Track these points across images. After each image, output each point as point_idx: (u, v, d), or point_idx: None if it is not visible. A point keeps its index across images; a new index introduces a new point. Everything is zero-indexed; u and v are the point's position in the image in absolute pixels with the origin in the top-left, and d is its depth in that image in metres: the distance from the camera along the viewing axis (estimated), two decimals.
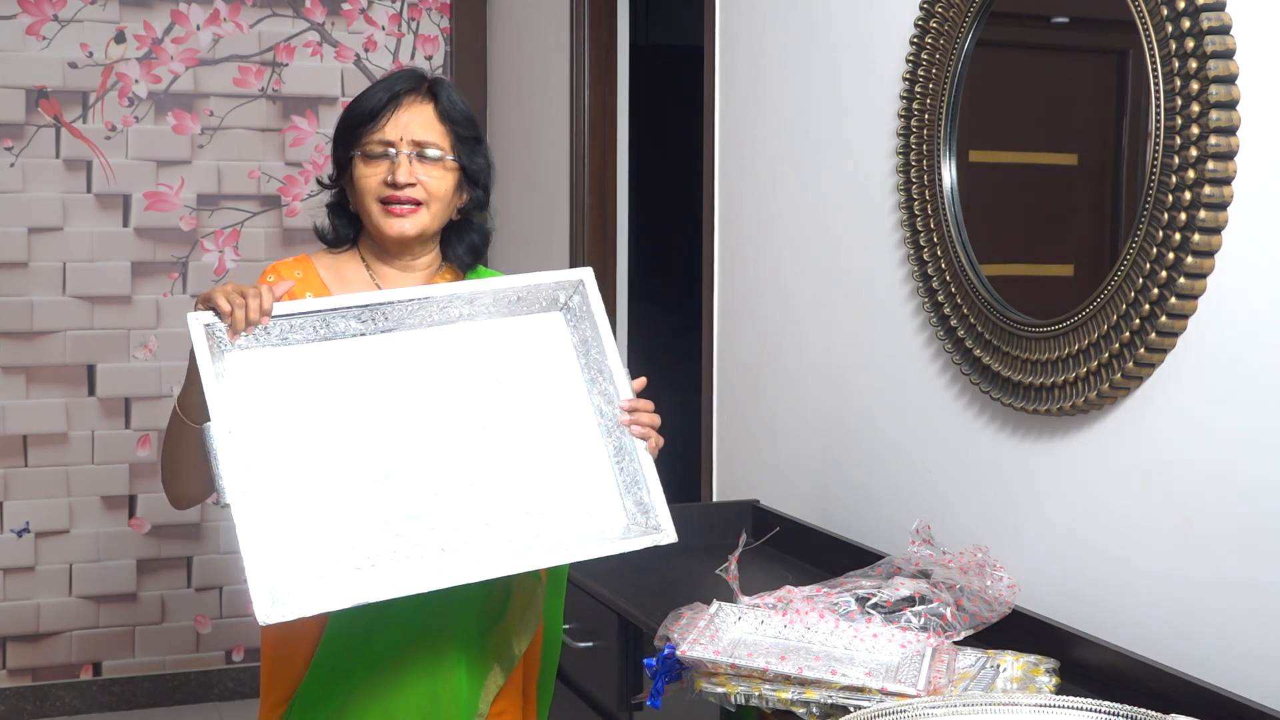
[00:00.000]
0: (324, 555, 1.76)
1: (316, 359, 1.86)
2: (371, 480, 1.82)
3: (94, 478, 4.48)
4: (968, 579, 2.03)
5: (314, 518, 1.77)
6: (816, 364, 2.74)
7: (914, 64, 2.32)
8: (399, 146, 2.01)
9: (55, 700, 4.46)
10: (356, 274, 2.09)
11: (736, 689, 1.73)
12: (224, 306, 1.81)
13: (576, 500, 1.89)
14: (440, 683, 2.01)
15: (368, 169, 2.02)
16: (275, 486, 1.77)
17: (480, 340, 1.94)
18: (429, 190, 2.02)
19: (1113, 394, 1.93)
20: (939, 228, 2.28)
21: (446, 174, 2.04)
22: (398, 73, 2.08)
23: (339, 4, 4.64)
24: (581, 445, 1.92)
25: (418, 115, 2.03)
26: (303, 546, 1.75)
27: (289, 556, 1.73)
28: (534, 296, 1.96)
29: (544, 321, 1.97)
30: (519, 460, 1.89)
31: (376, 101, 2.03)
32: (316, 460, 1.81)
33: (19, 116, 4.35)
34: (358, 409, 1.86)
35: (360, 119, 2.03)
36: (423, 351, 1.91)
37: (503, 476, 1.87)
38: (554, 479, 1.89)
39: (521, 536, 1.84)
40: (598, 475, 1.91)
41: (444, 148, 2.03)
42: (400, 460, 1.84)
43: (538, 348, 1.96)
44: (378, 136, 2.01)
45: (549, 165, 4.16)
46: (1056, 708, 1.51)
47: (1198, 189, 1.76)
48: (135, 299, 4.49)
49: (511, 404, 1.92)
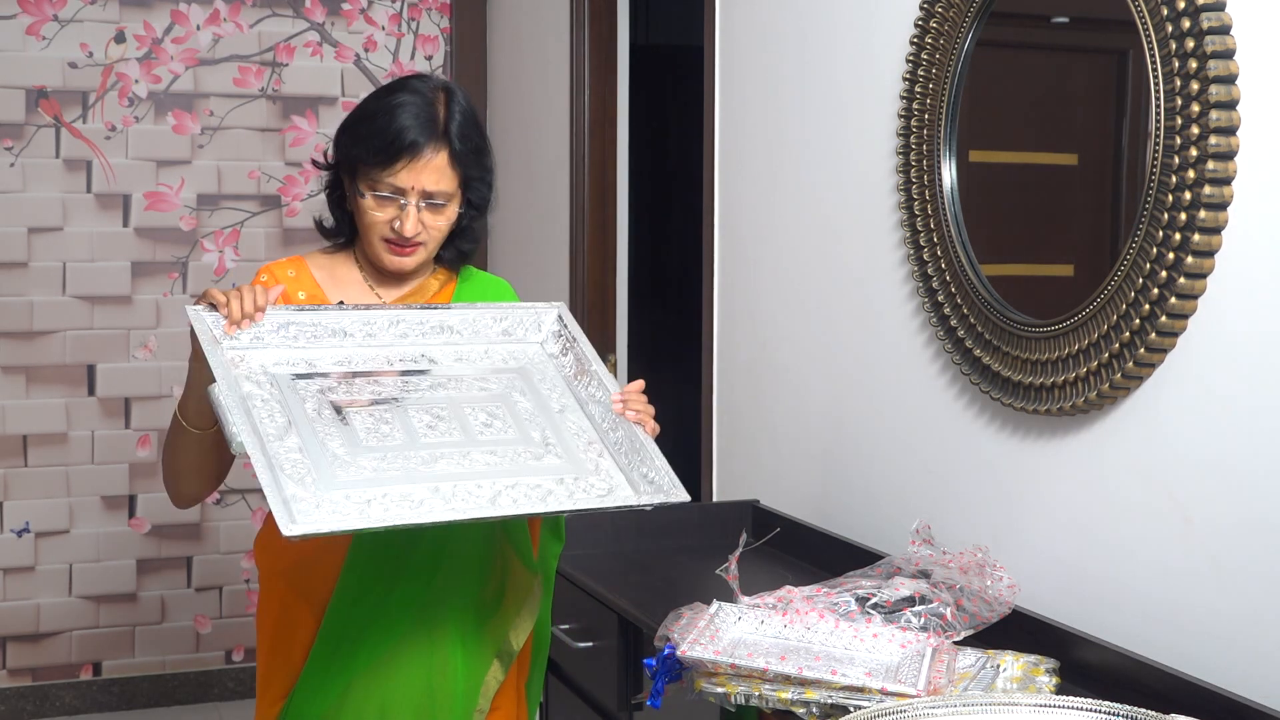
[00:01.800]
0: (339, 482, 1.76)
1: (311, 351, 1.92)
2: (376, 434, 1.84)
3: (94, 478, 4.48)
4: (968, 579, 2.03)
5: (323, 457, 1.79)
6: (816, 364, 2.74)
7: (914, 64, 2.32)
8: (409, 196, 1.98)
9: (55, 700, 4.46)
10: (350, 275, 2.10)
11: (736, 689, 1.73)
12: (220, 299, 1.87)
13: (585, 477, 1.89)
14: (437, 676, 2.02)
15: (377, 211, 2.00)
16: (281, 434, 1.78)
17: (470, 353, 2.01)
18: (430, 233, 2.03)
19: (1113, 394, 1.93)
20: (939, 228, 2.28)
21: (451, 212, 2.04)
22: (410, 97, 2.00)
23: (339, 4, 4.64)
24: (581, 440, 1.93)
25: (433, 169, 1.98)
26: (315, 477, 1.75)
27: (303, 483, 1.73)
28: (514, 327, 2.04)
29: (529, 345, 2.05)
30: (521, 447, 1.90)
31: (394, 146, 1.96)
32: (322, 414, 1.84)
33: (19, 116, 4.35)
34: (358, 378, 1.91)
35: (374, 156, 1.97)
36: (418, 350, 1.98)
37: (509, 453, 1.88)
38: (560, 469, 1.89)
39: (541, 484, 1.85)
40: (601, 463, 1.91)
41: (452, 192, 2.02)
42: (406, 424, 1.86)
43: (527, 361, 2.02)
44: (390, 180, 1.97)
45: (549, 165, 4.16)
46: (1056, 708, 1.51)
47: (1198, 189, 1.76)
48: (135, 299, 4.49)
49: (508, 404, 1.95)
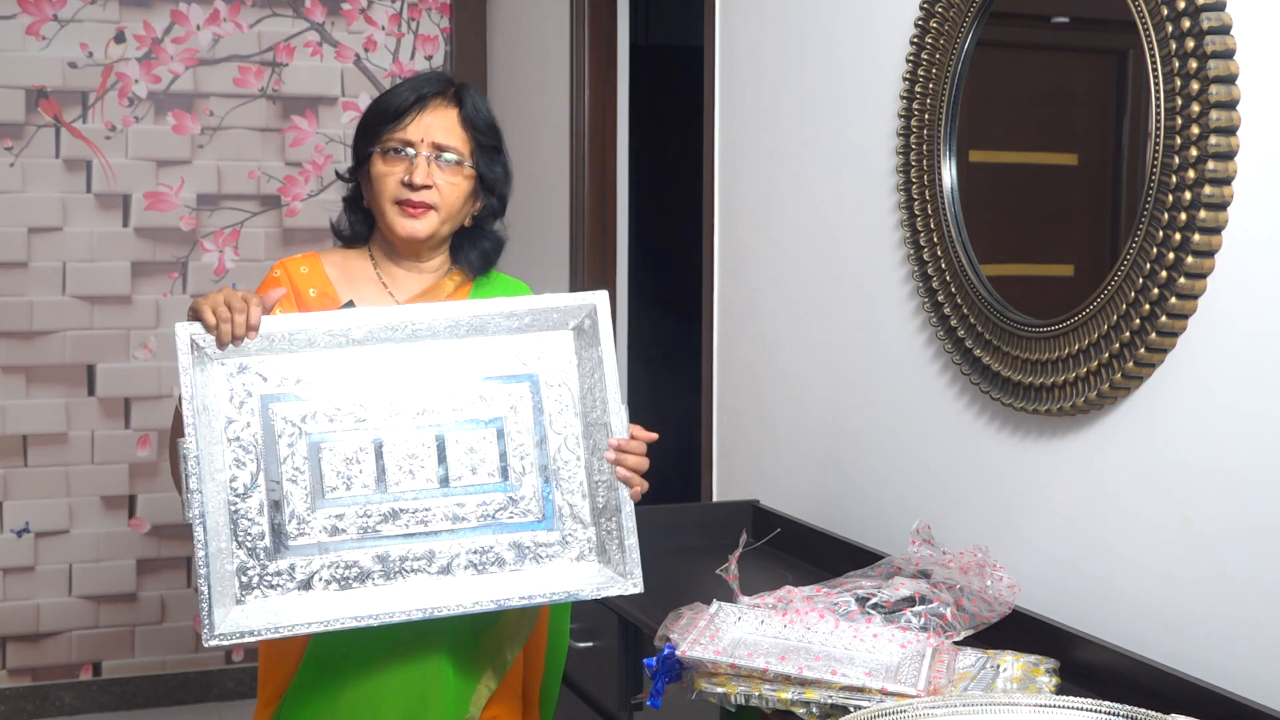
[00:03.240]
0: (276, 585, 1.79)
1: (299, 367, 1.86)
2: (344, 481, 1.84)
3: (94, 478, 4.48)
4: (968, 579, 2.03)
5: (270, 544, 1.80)
6: (816, 364, 2.74)
7: (914, 64, 2.32)
8: (419, 147, 2.02)
9: (55, 700, 4.46)
10: (364, 272, 2.10)
11: (736, 689, 1.73)
12: (209, 320, 1.80)
13: (549, 538, 1.88)
14: (429, 682, 2.01)
15: (386, 167, 2.03)
16: (229, 510, 1.79)
17: (481, 358, 1.92)
18: (443, 194, 2.03)
19: (1113, 394, 1.93)
20: (939, 228, 2.28)
21: (462, 180, 2.05)
22: (426, 74, 2.10)
23: (339, 4, 4.64)
24: (565, 477, 1.90)
25: (441, 118, 2.04)
26: (252, 575, 1.78)
27: (237, 584, 1.77)
28: (545, 318, 1.93)
29: (552, 338, 1.93)
30: (496, 487, 1.88)
31: (402, 100, 2.03)
32: (287, 477, 1.83)
33: (19, 116, 4.35)
34: (334, 422, 1.85)
35: (384, 116, 2.04)
36: (411, 364, 1.90)
37: (476, 507, 1.87)
38: (530, 512, 1.88)
39: (483, 581, 1.85)
40: (576, 512, 1.89)
41: (463, 153, 2.04)
42: (379, 469, 1.85)
43: (540, 364, 1.92)
44: (399, 135, 2.02)
45: (549, 165, 4.16)
46: (1056, 708, 1.51)
47: (1198, 189, 1.76)
48: (135, 299, 4.49)
49: (495, 421, 1.90)
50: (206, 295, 1.84)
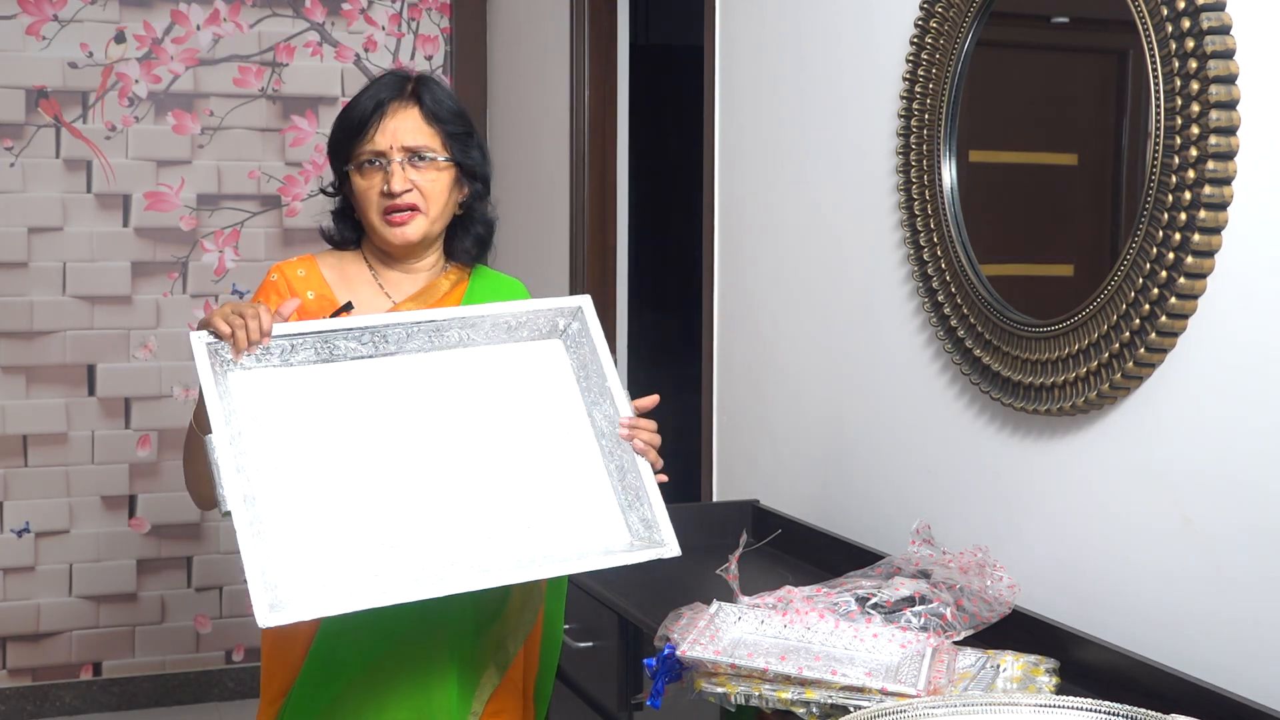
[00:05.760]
0: (324, 562, 1.76)
1: (319, 380, 1.87)
2: (374, 495, 1.82)
3: (94, 478, 4.48)
4: (968, 579, 2.03)
5: (315, 528, 1.78)
6: (816, 364, 2.74)
7: (914, 64, 2.32)
8: (390, 155, 2.01)
9: (55, 700, 4.46)
10: (360, 274, 2.10)
11: (736, 689, 1.73)
12: (224, 329, 1.81)
13: (579, 517, 1.89)
14: (434, 679, 2.02)
15: (364, 181, 2.03)
16: (277, 498, 1.78)
17: (481, 365, 1.95)
18: (425, 193, 2.02)
19: (1113, 394, 1.93)
20: (939, 228, 2.28)
21: (441, 174, 2.04)
22: (380, 79, 2.08)
23: (339, 4, 4.64)
24: (583, 466, 1.92)
25: (405, 120, 2.03)
26: (303, 554, 1.75)
27: (289, 562, 1.74)
28: (533, 322, 1.97)
29: (543, 348, 1.98)
30: (521, 479, 1.89)
31: (363, 111, 2.03)
32: (319, 474, 1.81)
33: (19, 116, 4.35)
34: (360, 426, 1.86)
35: (350, 131, 2.04)
36: (424, 374, 1.92)
37: (505, 494, 1.88)
38: (557, 497, 1.90)
39: (524, 549, 1.85)
40: (600, 493, 1.91)
41: (435, 148, 2.04)
42: (402, 477, 1.85)
43: (538, 372, 1.97)
44: (369, 148, 2.02)
45: (549, 165, 4.16)
46: (1056, 708, 1.51)
47: (1198, 189, 1.76)
48: (135, 299, 4.49)
49: (513, 425, 1.93)
50: (213, 311, 1.85)
